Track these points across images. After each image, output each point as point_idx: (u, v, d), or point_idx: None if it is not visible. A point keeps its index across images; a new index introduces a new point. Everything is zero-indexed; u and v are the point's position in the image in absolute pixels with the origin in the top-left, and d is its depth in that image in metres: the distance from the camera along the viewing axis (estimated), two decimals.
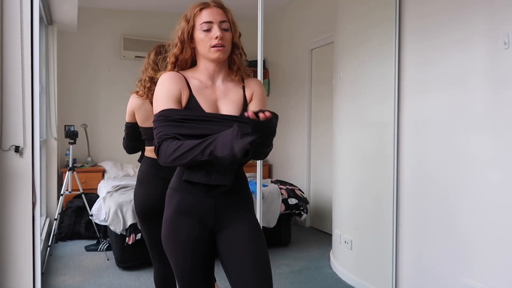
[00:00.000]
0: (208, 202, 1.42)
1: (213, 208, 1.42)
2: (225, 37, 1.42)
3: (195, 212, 1.42)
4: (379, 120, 2.93)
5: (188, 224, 1.42)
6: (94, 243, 3.98)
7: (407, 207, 2.72)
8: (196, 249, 1.43)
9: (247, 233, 1.44)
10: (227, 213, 1.44)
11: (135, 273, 3.33)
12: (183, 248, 1.43)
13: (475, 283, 2.26)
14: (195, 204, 1.42)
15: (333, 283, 3.20)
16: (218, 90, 1.47)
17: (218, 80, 1.48)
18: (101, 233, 3.97)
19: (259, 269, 1.41)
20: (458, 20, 2.35)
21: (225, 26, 1.43)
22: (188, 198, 1.43)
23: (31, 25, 2.02)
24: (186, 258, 1.44)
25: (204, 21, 1.41)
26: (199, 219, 1.43)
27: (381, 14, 2.90)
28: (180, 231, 1.43)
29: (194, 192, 1.42)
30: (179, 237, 1.43)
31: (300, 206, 4.04)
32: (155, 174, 2.09)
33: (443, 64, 2.45)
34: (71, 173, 3.88)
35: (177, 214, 1.44)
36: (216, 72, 1.48)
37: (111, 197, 3.55)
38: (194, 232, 1.42)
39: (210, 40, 1.40)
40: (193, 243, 1.43)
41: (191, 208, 1.42)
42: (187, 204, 1.43)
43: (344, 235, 3.29)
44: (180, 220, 1.43)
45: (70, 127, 4.03)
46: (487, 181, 2.21)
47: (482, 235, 2.23)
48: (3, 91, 1.98)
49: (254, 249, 1.43)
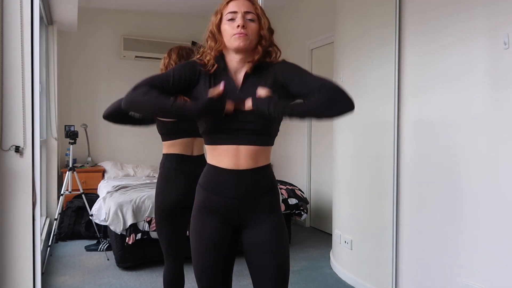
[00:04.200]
0: (231, 202, 1.43)
1: (237, 209, 1.44)
2: (249, 27, 1.40)
3: (219, 211, 1.45)
4: (379, 120, 2.93)
5: (212, 220, 1.45)
6: (94, 243, 3.98)
7: (407, 207, 2.72)
8: (219, 246, 1.46)
9: (270, 234, 1.45)
10: (250, 214, 1.45)
11: (135, 273, 3.33)
12: (207, 243, 1.46)
13: (475, 283, 2.26)
14: (218, 204, 1.44)
15: (333, 283, 3.20)
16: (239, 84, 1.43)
17: (241, 73, 1.44)
18: (101, 233, 3.98)
19: (277, 269, 1.44)
20: (458, 21, 2.35)
21: (250, 16, 1.41)
22: (212, 198, 1.45)
23: (31, 25, 2.02)
24: (208, 254, 1.46)
25: (229, 11, 1.41)
26: (222, 218, 1.45)
27: (381, 14, 2.90)
28: (205, 227, 1.46)
29: (218, 193, 1.43)
30: (204, 232, 1.46)
31: (300, 206, 4.04)
32: (181, 170, 2.09)
33: (443, 64, 2.45)
34: (71, 173, 3.88)
35: (202, 210, 1.47)
36: (240, 66, 1.44)
37: (111, 197, 3.55)
38: (217, 228, 1.45)
39: (233, 29, 1.39)
40: (216, 239, 1.45)
41: (215, 207, 1.45)
42: (211, 203, 1.45)
43: (344, 235, 3.29)
44: (205, 216, 1.46)
45: (70, 127, 4.03)
46: (487, 181, 2.21)
47: (482, 235, 2.23)
48: (3, 91, 1.98)
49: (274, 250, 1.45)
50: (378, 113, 2.95)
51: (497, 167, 2.16)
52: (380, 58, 2.90)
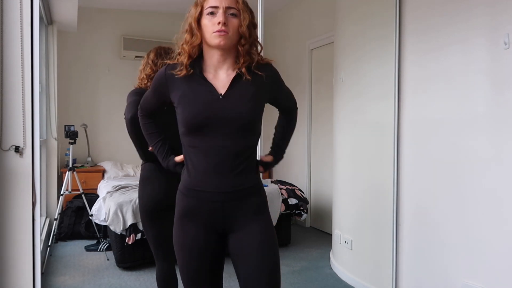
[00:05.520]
0: (215, 206, 1.38)
1: (220, 212, 1.39)
2: (230, 23, 1.34)
3: (202, 216, 1.39)
4: (379, 120, 2.93)
5: (195, 228, 1.40)
6: (94, 243, 3.98)
7: (407, 207, 2.72)
8: (203, 254, 1.41)
9: (258, 236, 1.40)
10: (237, 217, 1.40)
11: (135, 273, 3.33)
12: (189, 252, 1.41)
13: (475, 283, 2.26)
14: (201, 208, 1.39)
15: (333, 283, 3.20)
16: (220, 82, 1.39)
17: (222, 71, 1.40)
18: (101, 233, 3.97)
19: (268, 273, 1.40)
20: (458, 20, 2.35)
21: (232, 11, 1.35)
22: (194, 203, 1.40)
23: (31, 25, 2.02)
24: (192, 262, 1.41)
25: (210, 5, 1.35)
26: (206, 223, 1.40)
27: (381, 14, 2.90)
28: (187, 235, 1.41)
29: (199, 197, 1.39)
30: (186, 240, 1.41)
31: (300, 206, 4.04)
32: (160, 171, 2.08)
33: (443, 64, 2.45)
34: (71, 173, 3.88)
35: (183, 218, 1.42)
36: (220, 63, 1.39)
37: (111, 197, 3.55)
38: (200, 236, 1.40)
39: (213, 26, 1.33)
40: (200, 247, 1.40)
41: (197, 212, 1.39)
42: (193, 208, 1.40)
43: (344, 235, 3.29)
44: (186, 224, 1.41)
45: (70, 127, 4.03)
46: (487, 181, 2.21)
47: (483, 235, 2.23)
48: (3, 91, 1.98)
49: (264, 252, 1.40)
50: (378, 113, 2.95)
51: (497, 167, 2.16)
52: (380, 58, 2.90)
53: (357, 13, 3.22)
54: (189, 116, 1.35)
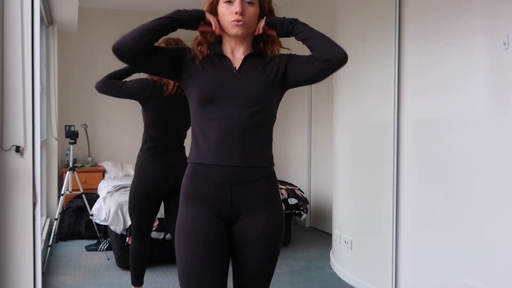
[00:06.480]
0: (223, 189, 1.33)
1: (229, 197, 1.33)
2: (247, 12, 1.35)
3: (209, 202, 1.33)
4: (379, 120, 2.93)
5: (199, 211, 1.33)
6: (94, 243, 3.99)
7: (407, 207, 2.72)
8: (205, 237, 1.31)
9: (262, 229, 1.35)
10: (247, 203, 1.34)
11: None
12: (189, 233, 1.32)
13: (475, 283, 2.26)
14: (208, 191, 1.33)
15: (333, 283, 3.21)
16: (236, 60, 1.41)
17: (239, 51, 1.42)
18: (102, 233, 3.98)
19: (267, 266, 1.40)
20: (458, 21, 2.35)
21: (249, 0, 1.35)
22: (202, 185, 1.34)
23: (32, 25, 2.02)
24: (190, 245, 1.31)
25: None
26: (213, 210, 1.33)
27: (381, 14, 2.90)
28: (191, 218, 1.33)
29: (207, 176, 1.34)
30: (188, 223, 1.33)
31: (300, 206, 4.04)
32: (153, 160, 2.31)
33: (443, 65, 2.45)
34: (72, 173, 3.89)
35: (189, 202, 1.35)
36: (238, 45, 1.41)
37: (111, 197, 3.56)
38: (204, 220, 1.32)
39: (231, 15, 1.34)
40: (201, 231, 1.31)
41: (204, 195, 1.33)
42: (201, 190, 1.34)
43: (344, 235, 3.29)
44: (190, 207, 1.34)
45: (70, 127, 4.04)
46: (487, 181, 2.21)
47: (483, 235, 2.23)
48: (4, 91, 1.98)
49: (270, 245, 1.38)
50: (378, 114, 2.95)
51: (497, 167, 2.16)
52: (380, 59, 2.90)
53: (357, 14, 3.22)
54: (202, 85, 1.37)
